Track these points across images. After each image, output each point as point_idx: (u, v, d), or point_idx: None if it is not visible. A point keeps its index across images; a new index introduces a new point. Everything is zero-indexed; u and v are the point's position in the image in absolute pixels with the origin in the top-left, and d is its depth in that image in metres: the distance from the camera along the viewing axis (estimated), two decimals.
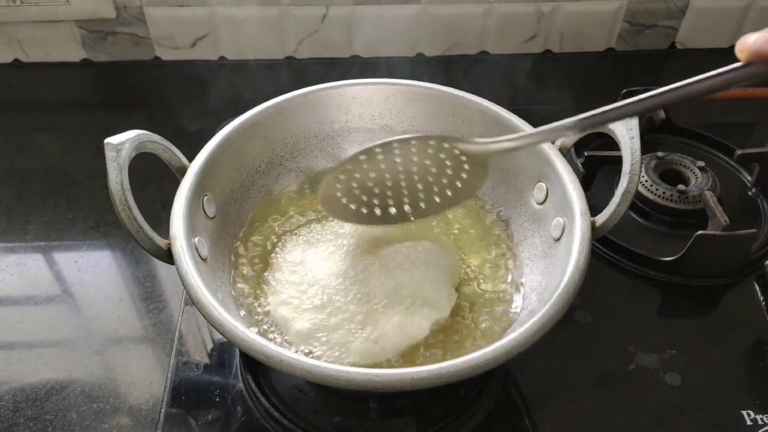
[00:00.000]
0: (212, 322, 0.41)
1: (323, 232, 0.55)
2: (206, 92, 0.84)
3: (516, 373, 0.54)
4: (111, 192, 0.44)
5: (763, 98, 0.77)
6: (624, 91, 0.72)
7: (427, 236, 0.55)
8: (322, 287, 0.49)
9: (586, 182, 0.66)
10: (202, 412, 0.51)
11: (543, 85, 0.88)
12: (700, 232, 0.58)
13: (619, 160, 0.47)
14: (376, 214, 0.50)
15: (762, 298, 0.60)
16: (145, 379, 0.54)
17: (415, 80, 0.59)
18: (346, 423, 0.46)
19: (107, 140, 0.45)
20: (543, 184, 0.53)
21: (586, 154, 0.67)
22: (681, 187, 0.66)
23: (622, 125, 0.47)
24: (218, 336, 0.55)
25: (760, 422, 0.50)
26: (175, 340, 0.56)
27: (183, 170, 0.50)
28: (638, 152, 0.46)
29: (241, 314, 0.50)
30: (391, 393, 0.48)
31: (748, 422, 0.51)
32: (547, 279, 0.50)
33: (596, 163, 0.67)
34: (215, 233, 0.51)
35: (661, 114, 0.72)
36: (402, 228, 0.54)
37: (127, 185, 0.44)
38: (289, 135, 0.58)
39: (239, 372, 0.53)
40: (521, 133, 0.46)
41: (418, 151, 0.47)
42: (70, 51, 0.85)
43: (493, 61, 0.88)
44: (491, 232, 0.57)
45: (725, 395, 0.53)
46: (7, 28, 0.82)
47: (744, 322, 0.58)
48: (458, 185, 0.48)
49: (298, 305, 0.49)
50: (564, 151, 0.52)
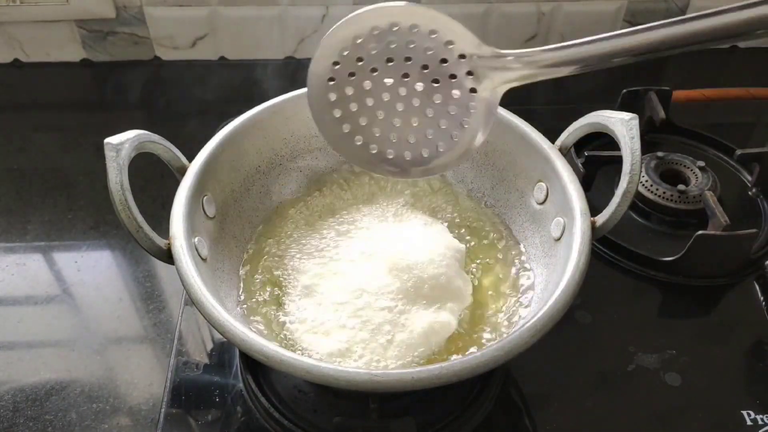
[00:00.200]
0: (212, 322, 0.41)
1: (328, 245, 0.54)
2: (206, 92, 0.84)
3: (516, 373, 0.54)
4: (111, 192, 0.44)
5: (763, 98, 0.77)
6: (624, 91, 0.72)
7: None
8: (342, 304, 0.49)
9: (586, 182, 0.66)
10: (202, 412, 0.51)
11: (543, 85, 0.88)
12: (700, 232, 0.58)
13: (619, 160, 0.47)
14: (370, 152, 0.44)
15: (762, 298, 0.60)
16: (145, 379, 0.54)
17: None
18: (346, 423, 0.46)
19: (107, 140, 0.45)
20: (543, 184, 0.53)
21: (586, 154, 0.67)
22: (681, 187, 0.66)
23: (623, 125, 0.47)
24: (218, 336, 0.55)
25: (760, 422, 0.50)
26: (175, 340, 0.56)
27: (183, 170, 0.50)
28: (638, 152, 0.46)
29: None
30: (391, 393, 0.48)
31: (748, 422, 0.51)
32: (547, 279, 0.50)
33: (596, 163, 0.66)
34: (215, 233, 0.51)
35: (661, 114, 0.71)
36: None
37: (127, 185, 0.44)
38: (289, 135, 0.58)
39: (239, 372, 0.53)
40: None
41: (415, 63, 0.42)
42: (69, 51, 0.85)
43: None
44: (493, 232, 0.57)
45: (725, 395, 0.53)
46: (7, 28, 0.81)
47: (744, 322, 0.58)
48: (461, 130, 0.43)
49: (322, 329, 0.48)
50: (564, 151, 0.52)
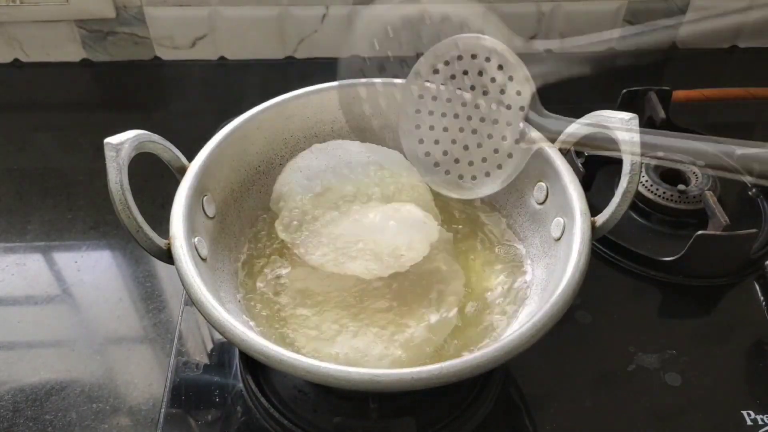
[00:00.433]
0: (212, 322, 0.41)
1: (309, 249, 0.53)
2: (206, 92, 0.84)
3: (516, 373, 0.54)
4: (111, 192, 0.44)
5: (764, 98, 0.77)
6: (624, 91, 0.72)
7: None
8: (339, 308, 0.49)
9: (586, 182, 0.66)
10: (202, 412, 0.51)
11: (543, 84, 0.88)
12: (700, 232, 0.58)
13: (619, 160, 0.47)
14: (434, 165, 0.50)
15: (762, 298, 0.59)
16: (144, 379, 0.54)
17: None
18: (346, 423, 0.46)
19: (107, 140, 0.45)
20: (543, 184, 0.53)
21: (586, 154, 0.67)
22: (681, 187, 0.66)
23: (623, 125, 0.47)
24: (218, 336, 0.55)
25: (760, 422, 0.50)
26: (175, 340, 0.56)
27: (183, 170, 0.50)
28: (638, 152, 0.46)
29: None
30: (391, 393, 0.48)
31: (749, 422, 0.51)
32: (547, 279, 0.50)
33: (596, 163, 0.66)
34: (215, 233, 0.51)
35: (661, 114, 0.71)
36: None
37: (126, 185, 0.44)
38: (289, 135, 0.58)
39: (239, 372, 0.53)
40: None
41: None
42: (69, 51, 0.85)
43: None
44: (493, 232, 0.57)
45: (725, 395, 0.53)
46: (7, 28, 0.81)
47: (744, 322, 0.58)
48: (501, 167, 0.49)
49: (323, 336, 0.48)
50: (564, 151, 0.52)
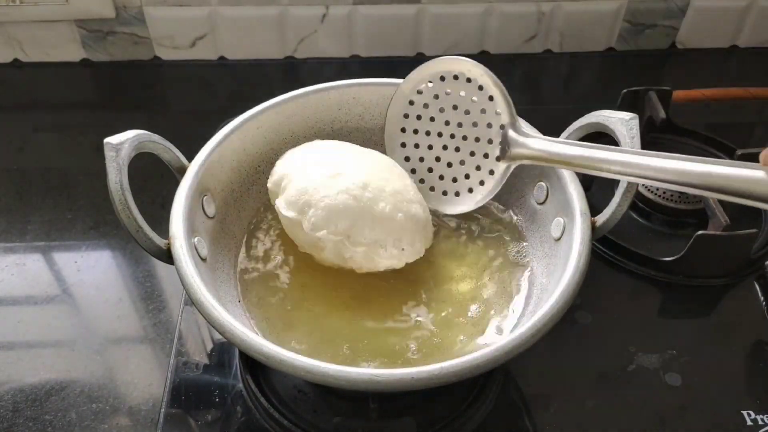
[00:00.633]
0: (212, 322, 0.41)
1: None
2: (206, 92, 0.84)
3: (516, 373, 0.54)
4: (110, 192, 0.44)
5: (763, 98, 0.77)
6: (624, 91, 0.72)
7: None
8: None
9: (586, 182, 0.66)
10: (201, 412, 0.51)
11: (543, 84, 0.88)
12: (700, 232, 0.58)
13: None
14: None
15: (762, 298, 0.59)
16: (144, 380, 0.54)
17: None
18: (346, 423, 0.46)
19: (107, 140, 0.45)
20: (543, 183, 0.53)
21: None
22: None
23: (623, 125, 0.47)
24: (218, 336, 0.55)
25: (760, 422, 0.50)
26: (175, 340, 0.56)
27: (183, 170, 0.50)
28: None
29: None
30: (391, 393, 0.48)
31: (749, 422, 0.51)
32: (547, 279, 0.50)
33: None
34: (215, 233, 0.51)
35: (661, 114, 0.71)
36: None
37: (126, 185, 0.44)
38: (289, 135, 0.58)
39: (239, 372, 0.53)
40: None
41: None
42: (69, 51, 0.85)
43: (493, 61, 0.88)
44: (492, 232, 0.57)
45: (725, 395, 0.53)
46: (7, 28, 0.81)
47: (744, 322, 0.58)
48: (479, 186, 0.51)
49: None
50: None
